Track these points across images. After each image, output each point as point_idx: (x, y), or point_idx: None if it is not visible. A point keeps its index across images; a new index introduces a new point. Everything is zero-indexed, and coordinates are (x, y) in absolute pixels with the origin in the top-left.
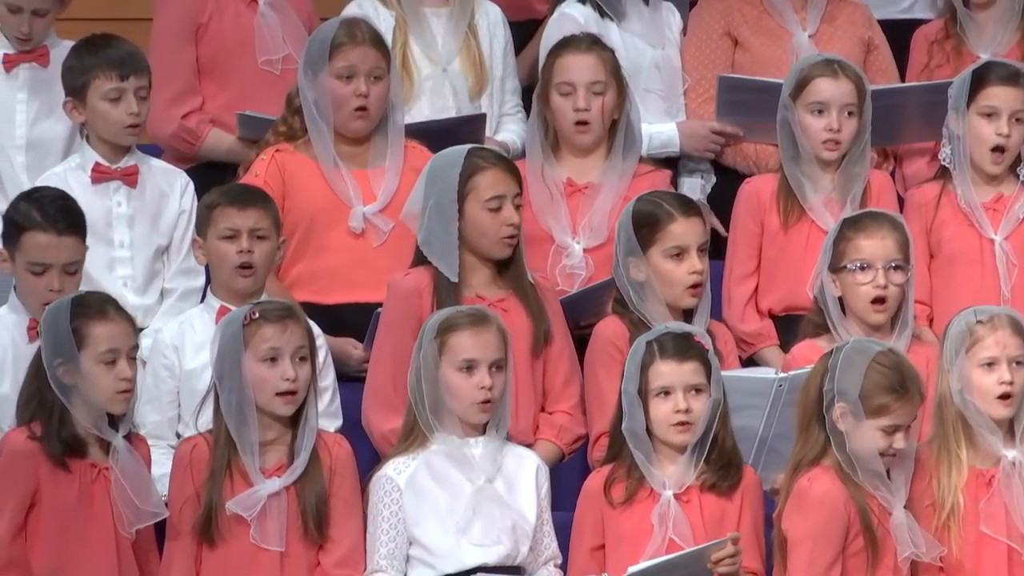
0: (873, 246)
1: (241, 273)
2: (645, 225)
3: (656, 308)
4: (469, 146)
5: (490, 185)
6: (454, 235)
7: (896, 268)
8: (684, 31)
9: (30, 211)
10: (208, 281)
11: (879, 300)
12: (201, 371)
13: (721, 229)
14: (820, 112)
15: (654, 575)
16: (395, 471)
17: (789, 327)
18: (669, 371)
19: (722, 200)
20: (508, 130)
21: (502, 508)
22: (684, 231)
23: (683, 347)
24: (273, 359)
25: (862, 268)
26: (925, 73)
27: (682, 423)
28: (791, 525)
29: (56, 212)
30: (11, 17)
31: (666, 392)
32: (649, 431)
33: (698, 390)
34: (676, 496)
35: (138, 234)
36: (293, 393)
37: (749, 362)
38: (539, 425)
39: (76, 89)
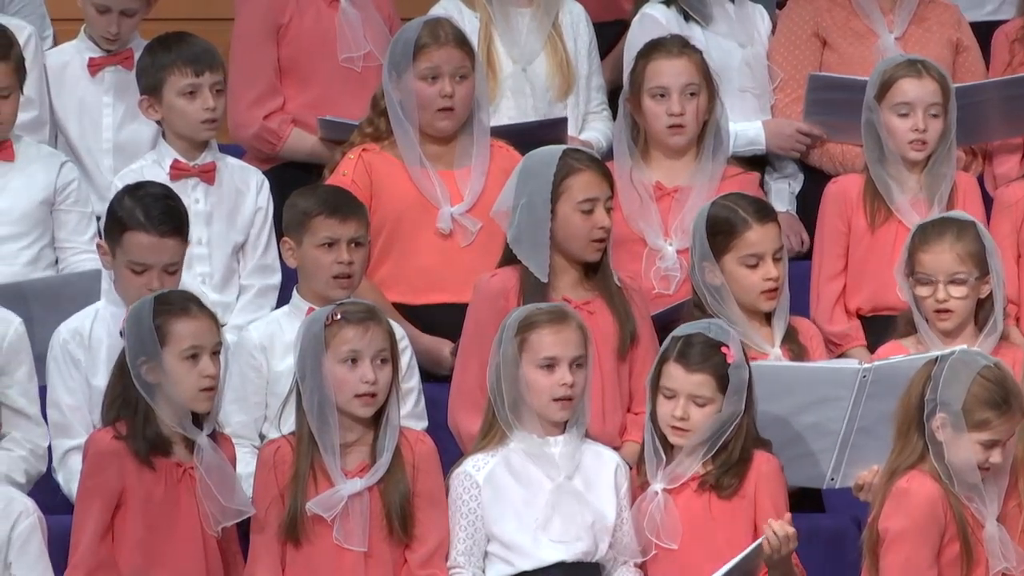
0: (932, 261)
1: (339, 284)
2: (720, 232)
3: (733, 311)
4: (564, 147)
5: (583, 187)
6: (546, 235)
7: (957, 282)
8: (772, 31)
9: (134, 210)
10: (284, 279)
11: (943, 311)
12: (288, 373)
13: (807, 240)
14: (906, 113)
15: None
16: (474, 468)
17: (877, 328)
18: (677, 376)
19: (809, 201)
20: (593, 128)
21: (581, 505)
22: (760, 239)
23: (702, 356)
24: (354, 360)
25: (923, 283)
26: (1008, 72)
27: (678, 427)
28: (889, 525)
29: (160, 214)
30: (99, 18)
31: (671, 393)
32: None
33: (702, 402)
34: (684, 485)
35: (215, 231)
36: (373, 395)
37: None
38: (627, 427)
39: (152, 86)
